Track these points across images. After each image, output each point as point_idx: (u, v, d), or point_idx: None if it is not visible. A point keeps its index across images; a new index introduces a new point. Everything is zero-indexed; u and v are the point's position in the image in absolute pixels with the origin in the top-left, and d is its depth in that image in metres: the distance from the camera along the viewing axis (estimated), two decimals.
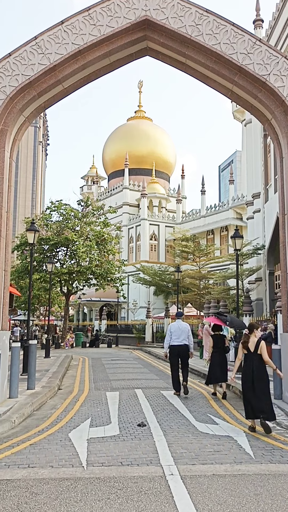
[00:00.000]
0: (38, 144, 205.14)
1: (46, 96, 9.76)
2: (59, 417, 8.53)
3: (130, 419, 8.26)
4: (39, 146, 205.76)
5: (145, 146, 57.16)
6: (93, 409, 9.24)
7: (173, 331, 10.76)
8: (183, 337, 10.67)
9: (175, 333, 10.69)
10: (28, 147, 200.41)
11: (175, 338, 10.63)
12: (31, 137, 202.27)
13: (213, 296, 27.61)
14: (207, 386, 11.66)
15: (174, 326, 10.87)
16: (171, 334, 10.77)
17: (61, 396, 10.94)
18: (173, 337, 10.68)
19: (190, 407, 9.40)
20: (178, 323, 10.95)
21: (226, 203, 46.05)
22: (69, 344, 33.49)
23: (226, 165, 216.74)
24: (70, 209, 34.69)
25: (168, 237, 50.54)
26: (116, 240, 36.82)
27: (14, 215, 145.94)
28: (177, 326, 10.84)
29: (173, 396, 10.78)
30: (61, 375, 13.97)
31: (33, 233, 14.05)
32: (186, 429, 7.51)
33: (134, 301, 48.01)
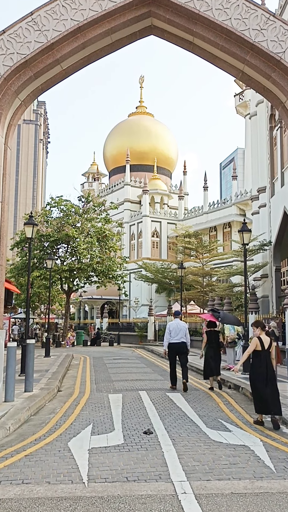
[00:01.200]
0: (39, 142, 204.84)
1: (43, 78, 9.08)
2: (58, 423, 7.87)
3: (135, 425, 7.60)
4: (39, 144, 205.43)
5: (147, 142, 56.41)
6: (95, 413, 8.59)
7: (172, 329, 11.17)
8: (181, 335, 11.13)
9: (174, 331, 11.12)
10: (29, 145, 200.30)
11: (174, 336, 11.08)
12: (32, 135, 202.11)
13: (218, 293, 26.93)
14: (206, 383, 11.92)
15: (173, 325, 11.29)
16: (170, 332, 11.19)
17: (61, 398, 10.29)
18: (172, 335, 11.12)
19: (199, 411, 8.74)
20: (177, 322, 11.39)
21: (229, 199, 45.35)
22: (70, 343, 32.85)
23: (227, 163, 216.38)
24: (71, 205, 34.03)
25: (170, 234, 49.84)
26: (117, 236, 36.15)
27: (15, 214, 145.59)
28: (176, 324, 11.27)
29: (180, 398, 10.13)
30: (61, 376, 13.33)
31: (31, 227, 13.41)
32: (197, 437, 6.85)
33: (136, 298, 47.37)
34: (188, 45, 9.58)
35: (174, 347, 11.09)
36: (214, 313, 13.12)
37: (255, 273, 24.69)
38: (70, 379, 13.67)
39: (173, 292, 44.10)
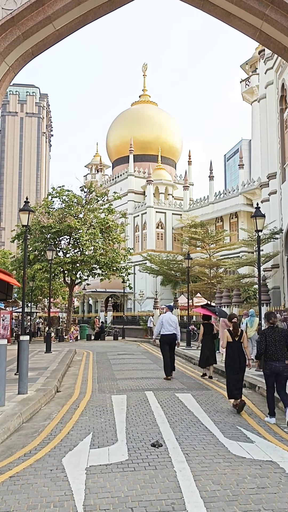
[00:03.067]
0: (42, 135, 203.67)
1: (34, 39, 7.98)
2: (53, 431, 6.87)
3: (141, 434, 6.58)
4: (42, 137, 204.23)
5: (150, 132, 55.09)
6: (96, 419, 7.58)
7: (164, 322, 11.94)
8: (173, 328, 11.94)
9: (166, 323, 11.89)
10: (32, 138, 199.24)
11: (166, 327, 11.83)
12: (35, 128, 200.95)
13: (226, 284, 25.81)
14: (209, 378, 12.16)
15: (166, 317, 12.05)
16: (162, 324, 11.94)
17: (59, 401, 9.29)
18: (164, 326, 11.86)
19: (214, 416, 7.71)
20: (169, 315, 12.17)
21: (235, 189, 44.09)
22: (73, 337, 31.92)
23: (231, 154, 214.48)
24: (73, 195, 32.98)
25: (176, 225, 48.69)
26: (121, 227, 35.09)
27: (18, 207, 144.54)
28: (168, 317, 12.04)
29: (191, 400, 9.12)
30: (61, 374, 12.33)
31: (26, 214, 12.36)
32: (215, 451, 5.82)
33: (140, 291, 46.39)
34: (198, 2, 8.45)
35: (166, 338, 11.84)
36: (210, 307, 13.89)
37: (266, 263, 23.56)
38: (71, 378, 12.69)
39: (178, 284, 43.03)
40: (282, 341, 7.31)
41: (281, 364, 7.22)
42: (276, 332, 7.43)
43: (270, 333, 7.44)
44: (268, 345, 7.34)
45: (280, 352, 7.25)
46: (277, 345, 7.29)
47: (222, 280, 30.38)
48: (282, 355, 7.25)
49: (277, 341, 7.31)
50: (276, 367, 7.25)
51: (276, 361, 7.24)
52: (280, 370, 7.25)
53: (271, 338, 7.39)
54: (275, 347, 7.29)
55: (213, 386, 10.97)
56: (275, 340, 7.33)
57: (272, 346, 7.31)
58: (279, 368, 7.24)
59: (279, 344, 7.28)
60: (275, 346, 7.29)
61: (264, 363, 7.47)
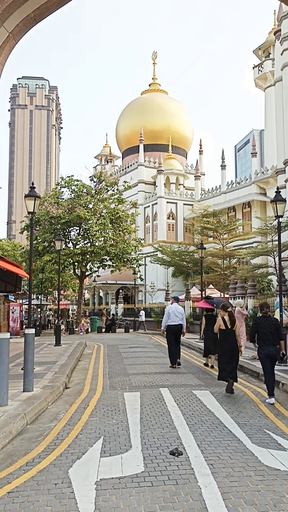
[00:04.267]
0: (51, 128, 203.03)
1: (35, 2, 7.21)
2: (59, 435, 6.19)
3: (158, 439, 5.87)
4: (52, 129, 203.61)
5: (161, 121, 54.05)
6: (107, 420, 6.89)
7: (170, 313, 12.20)
8: (179, 318, 12.20)
9: (173, 314, 12.15)
10: (41, 131, 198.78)
11: (173, 318, 12.09)
12: (44, 121, 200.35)
13: (241, 274, 24.93)
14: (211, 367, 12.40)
15: (172, 308, 12.30)
16: (169, 315, 12.19)
17: (67, 399, 8.62)
18: (171, 317, 12.13)
19: (237, 418, 6.97)
20: (175, 306, 12.42)
21: (248, 178, 43.01)
22: (84, 330, 31.33)
23: (242, 145, 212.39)
24: (82, 185, 32.24)
25: (187, 216, 47.78)
26: (131, 218, 34.30)
27: None
28: (175, 308, 12.30)
29: (210, 398, 8.40)
30: (70, 369, 11.66)
31: (32, 200, 11.66)
32: (243, 461, 5.08)
33: (151, 283, 45.68)
34: None
35: (172, 328, 12.10)
36: (208, 300, 14.15)
37: (283, 252, 22.65)
38: (81, 372, 12.02)
39: (190, 276, 42.22)
40: (273, 328, 8.25)
41: (273, 348, 8.17)
42: (268, 321, 8.37)
43: (263, 322, 8.37)
44: (263, 332, 8.25)
45: (272, 338, 8.18)
46: (269, 333, 8.21)
47: (235, 271, 29.53)
48: (274, 341, 8.20)
49: (269, 328, 8.24)
50: (269, 351, 8.16)
51: (270, 345, 8.16)
52: (273, 354, 8.17)
53: (264, 326, 8.30)
54: (267, 334, 8.21)
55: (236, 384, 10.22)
56: (268, 327, 8.25)
57: (265, 333, 8.22)
58: (272, 351, 8.17)
59: (271, 331, 8.21)
60: (268, 333, 8.21)
61: (259, 348, 8.33)
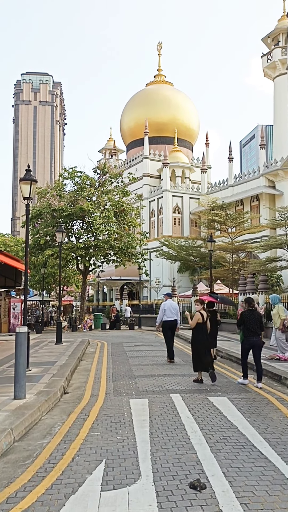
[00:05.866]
0: (55, 124, 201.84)
1: None
2: (52, 456, 5.07)
3: (173, 464, 4.74)
4: (56, 125, 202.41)
5: (166, 113, 52.79)
6: (110, 437, 5.77)
7: (166, 309, 12.41)
8: (174, 314, 12.43)
9: (168, 310, 12.36)
10: (45, 127, 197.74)
11: (168, 314, 12.28)
12: (48, 117, 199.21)
13: (253, 268, 23.72)
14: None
15: (167, 305, 12.50)
16: (164, 311, 12.40)
17: (65, 407, 7.50)
18: (166, 313, 12.32)
19: (266, 433, 5.83)
20: (170, 302, 12.64)
21: (256, 170, 41.71)
22: (87, 327, 30.26)
23: (247, 141, 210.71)
24: (86, 176, 31.09)
25: (193, 210, 46.55)
26: (136, 211, 33.13)
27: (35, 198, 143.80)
28: (170, 304, 12.53)
29: (229, 406, 7.27)
30: (70, 371, 10.55)
31: (28, 184, 10.54)
32: (286, 498, 3.95)
33: (157, 279, 44.51)
34: None
35: (168, 324, 12.29)
36: (213, 295, 14.00)
37: None
38: (82, 374, 10.92)
39: (197, 271, 41.06)
40: (258, 321, 9.18)
41: (257, 338, 9.16)
42: (254, 314, 9.26)
43: (250, 315, 9.22)
44: (249, 324, 9.11)
45: (256, 329, 9.13)
46: (255, 325, 9.12)
47: (244, 266, 28.38)
48: (258, 332, 9.17)
49: (255, 321, 9.15)
50: (254, 341, 9.15)
51: (254, 336, 9.13)
52: (257, 343, 9.18)
53: (251, 319, 9.17)
54: (253, 326, 9.10)
55: (251, 386, 9.09)
56: (253, 320, 9.15)
57: (251, 325, 9.10)
58: (257, 341, 9.17)
59: (256, 324, 9.13)
60: (253, 325, 9.10)
61: (245, 339, 9.24)
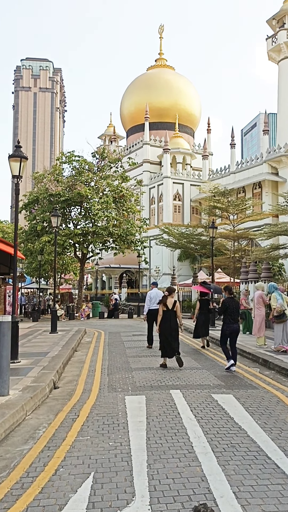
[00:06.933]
0: (55, 111, 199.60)
1: None
2: (32, 468, 4.34)
3: (174, 481, 4.01)
4: (56, 112, 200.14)
5: (167, 98, 51.61)
6: (101, 442, 5.03)
7: (152, 297, 12.58)
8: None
9: (153, 299, 12.45)
10: (45, 113, 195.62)
11: (153, 303, 12.32)
12: (48, 104, 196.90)
13: (257, 256, 22.92)
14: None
15: (153, 293, 12.69)
16: (150, 300, 12.58)
17: (53, 404, 6.77)
18: (152, 302, 12.45)
19: (280, 439, 5.09)
20: (156, 291, 12.80)
21: (259, 157, 40.74)
22: (85, 315, 29.59)
23: (248, 129, 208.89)
24: (84, 160, 30.17)
25: (194, 197, 45.64)
26: (136, 197, 32.25)
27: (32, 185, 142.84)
28: (155, 293, 12.65)
29: (236, 405, 6.55)
30: (62, 362, 9.83)
31: (18, 161, 9.72)
32: None
33: (156, 267, 43.79)
34: None
35: (153, 313, 12.15)
36: (205, 285, 14.24)
37: None
38: (75, 367, 10.20)
39: (197, 259, 40.32)
40: (237, 308, 9.64)
41: (237, 325, 9.54)
42: (234, 301, 9.67)
43: (231, 302, 9.59)
44: (231, 311, 9.45)
45: (236, 317, 9.53)
46: (235, 312, 9.51)
47: (246, 254, 27.60)
48: (237, 319, 9.60)
49: (235, 308, 9.55)
50: (234, 327, 9.48)
51: (234, 323, 9.47)
52: (236, 329, 9.53)
53: (232, 305, 9.53)
54: (233, 313, 9.46)
55: (258, 381, 8.38)
56: (234, 307, 9.53)
57: (233, 312, 9.46)
58: (236, 327, 9.54)
59: (236, 311, 9.53)
60: (234, 312, 9.48)
61: (226, 325, 9.51)
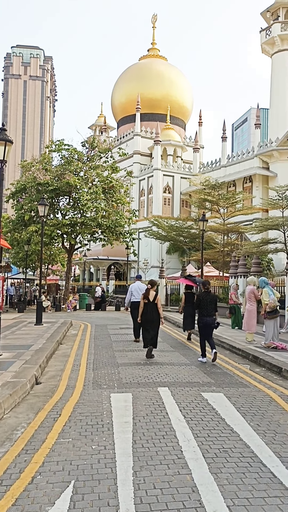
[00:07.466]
0: (46, 100, 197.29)
1: None
2: (7, 474, 3.95)
3: (162, 491, 3.66)
4: (46, 101, 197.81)
5: (159, 88, 50.99)
6: (83, 445, 4.66)
7: (133, 290, 12.79)
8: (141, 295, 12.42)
9: (135, 291, 12.69)
10: (35, 102, 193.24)
11: (136, 295, 12.55)
12: (38, 92, 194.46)
13: (247, 250, 22.66)
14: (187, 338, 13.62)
15: (135, 286, 12.90)
16: (132, 293, 12.81)
17: (34, 401, 6.39)
18: (134, 295, 12.68)
19: (275, 444, 4.78)
20: (138, 284, 12.96)
21: (250, 151, 40.45)
22: (72, 307, 29.14)
23: (239, 124, 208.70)
24: (74, 149, 29.57)
25: (184, 189, 45.28)
26: (126, 188, 31.77)
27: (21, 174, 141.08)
28: (137, 286, 12.84)
29: (227, 405, 6.23)
30: (46, 356, 9.43)
31: (2, 145, 9.21)
32: None
33: (145, 260, 43.43)
34: None
35: (136, 305, 12.05)
36: (190, 278, 14.67)
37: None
38: (59, 361, 9.81)
39: (186, 252, 40.04)
40: (212, 303, 9.88)
41: (210, 318, 9.79)
42: (209, 296, 10.00)
43: (205, 296, 9.95)
44: (203, 305, 9.82)
45: (210, 311, 9.82)
46: (209, 306, 9.82)
47: (236, 248, 27.37)
48: (211, 313, 9.84)
49: (208, 302, 9.83)
50: (207, 321, 9.80)
51: (207, 316, 9.79)
52: (210, 323, 9.81)
53: (205, 300, 9.86)
54: (207, 306, 9.79)
55: (249, 379, 8.08)
56: (208, 302, 9.84)
57: (206, 306, 9.79)
58: (210, 321, 9.81)
59: (210, 305, 9.83)
60: (207, 306, 9.80)
61: (199, 318, 9.92)
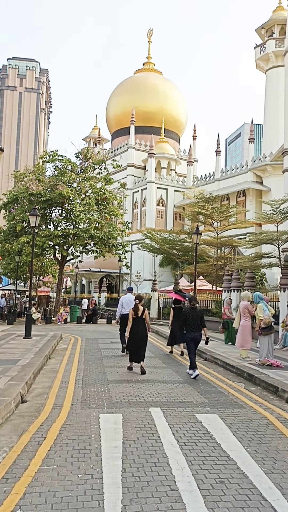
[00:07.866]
0: (41, 112, 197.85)
1: None
2: None
3: None
4: (41, 113, 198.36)
5: (154, 102, 51.23)
6: (69, 474, 4.31)
7: (124, 302, 12.87)
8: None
9: (126, 304, 12.69)
10: (30, 114, 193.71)
11: (126, 308, 12.55)
12: (33, 104, 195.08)
13: (241, 264, 22.44)
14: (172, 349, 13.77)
15: (126, 298, 12.92)
16: (122, 305, 12.86)
17: (18, 422, 6.01)
18: (124, 307, 12.75)
19: (274, 473, 4.46)
20: (129, 296, 12.95)
21: (244, 165, 40.54)
22: (62, 319, 28.66)
23: (233, 139, 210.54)
24: (67, 160, 29.40)
25: (178, 202, 45.20)
26: (119, 200, 31.58)
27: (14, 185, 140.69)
28: (128, 298, 12.85)
29: (222, 428, 5.91)
30: (33, 373, 9.04)
31: None
32: None
33: (137, 272, 43.12)
34: None
35: (126, 318, 12.01)
36: (180, 293, 14.74)
37: (286, 243, 20.29)
38: (48, 377, 9.42)
39: (179, 265, 39.81)
40: (198, 318, 9.98)
41: (198, 333, 9.96)
42: (195, 312, 10.08)
43: (191, 312, 10.06)
44: (191, 320, 9.92)
45: (196, 326, 9.95)
46: (195, 321, 9.94)
47: (229, 261, 27.17)
48: (198, 328, 9.96)
49: (195, 318, 9.95)
50: (194, 335, 9.94)
51: (194, 331, 9.93)
52: (197, 337, 9.97)
53: (191, 315, 9.98)
54: (193, 322, 9.92)
55: (245, 399, 7.76)
56: (194, 317, 9.96)
57: (192, 321, 9.93)
58: (197, 336, 9.97)
59: (196, 320, 9.94)
60: (194, 321, 9.92)
61: (187, 333, 10.07)
